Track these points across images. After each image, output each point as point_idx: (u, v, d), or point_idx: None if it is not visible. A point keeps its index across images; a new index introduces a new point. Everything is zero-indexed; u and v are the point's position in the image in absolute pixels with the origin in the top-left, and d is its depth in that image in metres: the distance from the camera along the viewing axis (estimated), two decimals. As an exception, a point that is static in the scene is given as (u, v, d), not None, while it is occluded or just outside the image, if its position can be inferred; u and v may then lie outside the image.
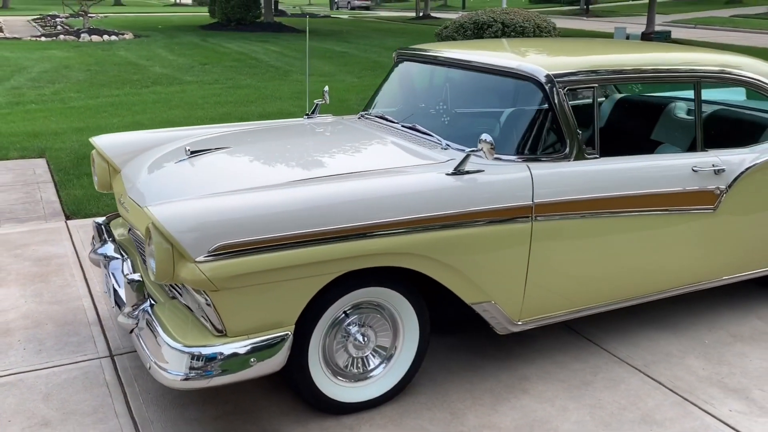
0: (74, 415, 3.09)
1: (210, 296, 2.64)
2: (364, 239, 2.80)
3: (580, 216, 3.31)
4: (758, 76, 3.93)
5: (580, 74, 3.39)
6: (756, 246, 3.95)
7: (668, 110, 4.35)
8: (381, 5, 69.09)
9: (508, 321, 3.32)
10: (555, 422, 3.12)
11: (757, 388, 3.42)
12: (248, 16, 25.61)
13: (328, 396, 3.03)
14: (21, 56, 16.84)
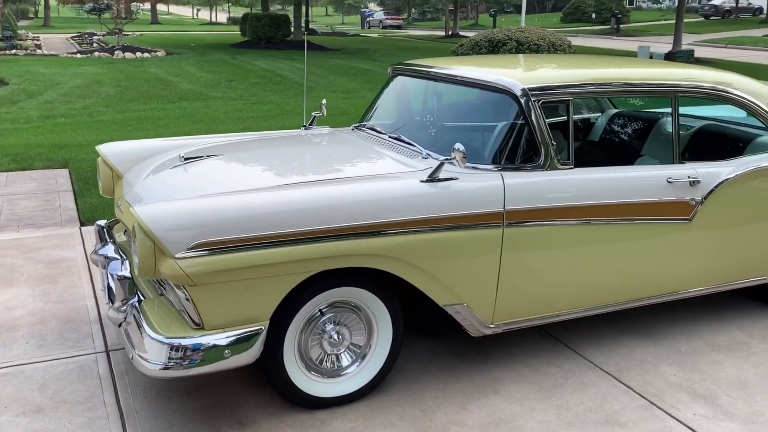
0: (66, 404, 3.29)
1: (188, 291, 2.83)
2: (337, 241, 2.97)
3: (552, 223, 3.44)
4: (743, 93, 4.04)
5: (554, 88, 3.54)
6: (733, 258, 4.03)
7: (658, 125, 4.46)
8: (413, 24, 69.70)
9: (481, 324, 3.46)
10: (520, 421, 3.24)
11: (724, 394, 3.50)
12: (278, 34, 26.13)
13: (303, 390, 3.19)
14: (56, 72, 17.43)
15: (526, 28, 11.23)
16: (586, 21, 57.64)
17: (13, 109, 12.82)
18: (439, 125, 3.93)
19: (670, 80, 3.85)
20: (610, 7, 47.75)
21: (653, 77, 3.85)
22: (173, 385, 3.44)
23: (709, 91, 3.95)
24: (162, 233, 2.75)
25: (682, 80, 3.88)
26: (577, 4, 58.86)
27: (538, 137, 3.46)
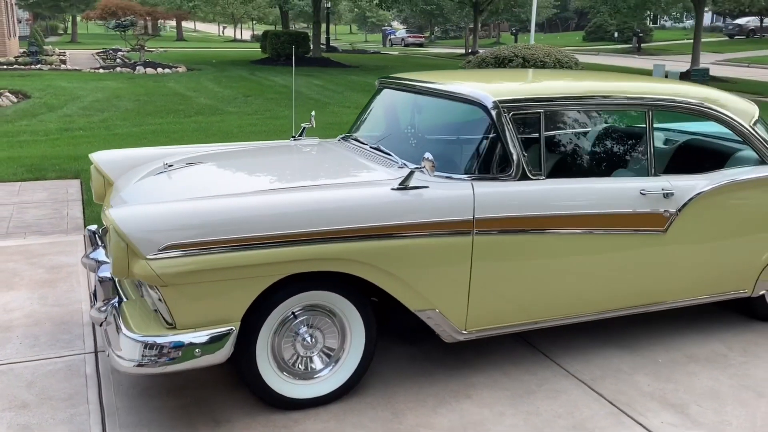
0: (50, 400, 3.42)
1: (160, 291, 2.95)
2: (305, 245, 3.08)
3: (523, 232, 3.52)
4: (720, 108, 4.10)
5: (525, 101, 3.63)
6: (710, 270, 4.07)
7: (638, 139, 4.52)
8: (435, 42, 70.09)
9: (453, 330, 3.53)
10: (488, 425, 3.30)
11: (696, 404, 3.54)
12: (297, 51, 26.44)
13: (276, 391, 3.29)
14: (77, 86, 17.81)
15: (533, 45, 11.33)
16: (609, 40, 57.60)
17: (33, 121, 13.14)
18: (419, 136, 4.04)
19: (643, 95, 3.92)
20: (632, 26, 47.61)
21: (625, 91, 3.93)
22: (155, 385, 3.56)
23: (685, 106, 4.01)
24: (134, 235, 2.87)
25: (657, 95, 3.94)
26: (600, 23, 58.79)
27: (509, 148, 3.55)
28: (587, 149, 4.12)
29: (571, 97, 3.79)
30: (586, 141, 4.29)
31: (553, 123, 3.86)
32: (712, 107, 4.06)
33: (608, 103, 3.92)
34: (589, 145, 4.16)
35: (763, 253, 4.20)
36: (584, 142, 4.26)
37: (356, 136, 4.35)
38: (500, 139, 3.56)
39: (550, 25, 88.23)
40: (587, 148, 4.10)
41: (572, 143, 3.98)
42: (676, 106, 4.00)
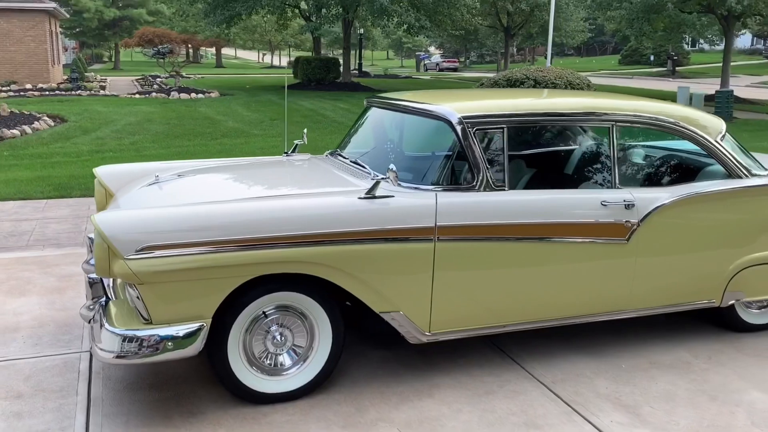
0: (43, 392, 3.72)
1: (137, 289, 3.24)
2: (271, 249, 3.34)
3: (485, 240, 3.74)
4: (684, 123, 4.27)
5: (488, 117, 3.86)
6: (675, 280, 4.21)
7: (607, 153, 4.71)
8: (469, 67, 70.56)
9: (417, 331, 3.75)
10: (444, 420, 3.50)
11: (648, 405, 3.69)
12: (328, 76, 27.05)
13: (246, 385, 3.54)
14: (112, 111, 18.52)
15: (545, 68, 11.55)
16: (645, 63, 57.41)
17: (67, 144, 13.74)
18: (395, 150, 4.29)
19: (606, 111, 4.12)
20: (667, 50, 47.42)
21: (587, 108, 4.13)
22: (140, 380, 3.84)
23: (647, 121, 4.20)
24: (114, 237, 3.17)
25: (619, 111, 4.14)
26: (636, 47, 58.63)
27: (473, 161, 3.78)
28: (551, 162, 4.33)
29: (534, 114, 4.01)
30: (550, 154, 4.50)
31: (516, 138, 4.08)
32: (675, 122, 4.23)
33: (571, 120, 4.14)
34: (553, 158, 4.37)
35: (729, 264, 4.33)
36: (548, 155, 4.47)
37: (340, 152, 4.62)
38: (464, 152, 3.79)
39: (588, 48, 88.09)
40: (551, 161, 4.30)
41: (535, 156, 4.19)
42: (638, 121, 4.20)
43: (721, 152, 4.33)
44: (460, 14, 26.09)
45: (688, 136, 4.28)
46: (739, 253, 4.34)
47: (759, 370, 4.11)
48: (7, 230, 7.10)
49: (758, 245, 4.38)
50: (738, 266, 4.35)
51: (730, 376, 4.03)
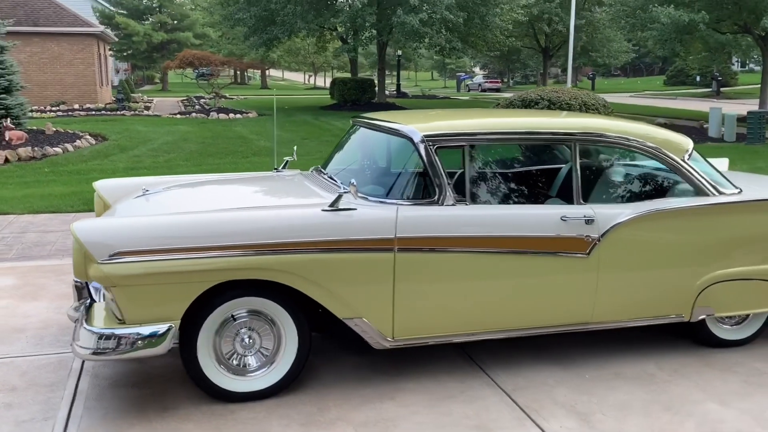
0: (35, 386, 4.03)
1: (111, 291, 3.53)
2: (235, 256, 3.60)
3: (445, 251, 3.93)
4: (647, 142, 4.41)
5: (449, 135, 4.08)
6: (639, 294, 4.32)
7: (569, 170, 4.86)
8: (512, 87, 70.54)
9: (380, 337, 3.95)
10: (399, 421, 3.69)
11: (601, 413, 3.81)
12: (363, 97, 27.51)
13: (216, 384, 3.79)
14: (151, 130, 19.21)
15: (560, 89, 11.66)
16: (691, 84, 56.66)
17: (104, 161, 14.34)
18: (369, 166, 4.52)
19: (568, 131, 4.29)
20: (712, 70, 46.75)
21: (549, 127, 4.31)
22: (124, 378, 4.13)
23: (610, 140, 4.35)
24: (89, 242, 3.47)
25: (582, 130, 4.30)
26: (681, 67, 57.88)
27: (434, 177, 4.00)
28: (512, 178, 4.50)
29: (495, 133, 4.21)
30: (512, 171, 4.68)
31: (479, 155, 4.28)
32: (639, 141, 4.38)
33: (533, 138, 4.32)
34: (515, 174, 4.54)
35: (696, 279, 4.42)
36: (509, 171, 4.65)
37: (322, 168, 4.88)
38: (426, 168, 4.01)
39: (634, 69, 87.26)
40: (512, 177, 4.48)
41: (497, 173, 4.37)
42: (601, 141, 4.36)
43: (686, 170, 4.44)
44: (493, 35, 26.33)
45: (652, 154, 4.41)
46: (707, 269, 4.43)
47: (721, 383, 4.19)
48: (33, 241, 7.55)
49: (726, 261, 4.46)
50: (706, 282, 4.44)
51: (691, 388, 4.12)
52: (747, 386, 4.16)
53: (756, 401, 3.97)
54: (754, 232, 4.56)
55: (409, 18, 22.52)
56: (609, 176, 4.65)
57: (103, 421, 3.65)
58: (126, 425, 3.61)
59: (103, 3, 49.39)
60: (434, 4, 22.57)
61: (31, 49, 27.42)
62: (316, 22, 25.71)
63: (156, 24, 49.11)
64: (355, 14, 23.62)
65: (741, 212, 4.52)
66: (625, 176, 4.74)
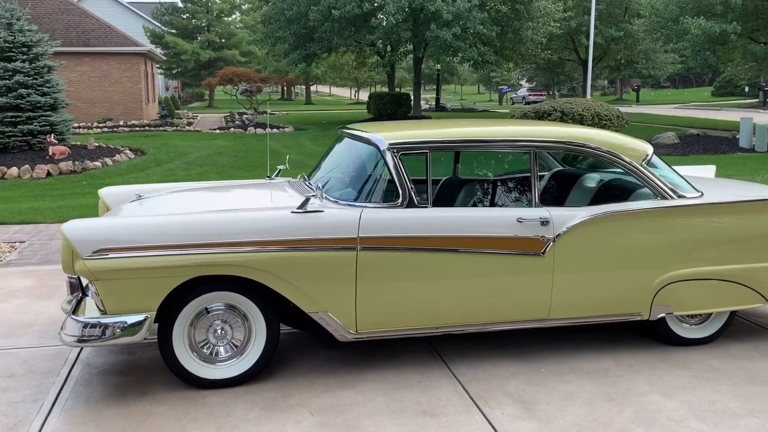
0: (32, 373, 4.46)
1: (95, 284, 3.93)
2: (206, 254, 3.96)
3: (406, 250, 4.22)
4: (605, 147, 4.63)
5: (413, 143, 4.39)
6: (595, 293, 4.52)
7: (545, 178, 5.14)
8: (557, 100, 70.16)
9: (344, 330, 4.26)
10: (354, 407, 3.98)
11: (546, 403, 4.04)
12: (399, 111, 27.92)
13: (190, 371, 4.14)
14: (189, 144, 19.94)
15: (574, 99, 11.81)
16: (739, 94, 55.57)
17: (140, 174, 14.99)
18: (342, 172, 4.84)
19: (527, 138, 4.55)
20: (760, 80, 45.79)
21: (509, 135, 4.58)
22: (113, 366, 4.52)
23: (567, 146, 4.60)
24: (75, 240, 3.88)
25: (540, 138, 4.56)
26: (730, 77, 56.84)
27: (397, 182, 4.30)
28: (473, 183, 4.77)
29: (455, 141, 4.50)
30: (473, 176, 4.95)
31: (441, 161, 4.57)
32: (596, 147, 4.60)
33: (493, 146, 4.59)
34: (476, 180, 4.80)
35: (653, 279, 4.61)
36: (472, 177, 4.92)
37: (307, 175, 5.23)
38: (390, 174, 4.33)
39: (683, 80, 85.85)
40: (473, 182, 4.74)
41: (458, 178, 4.64)
42: (558, 147, 4.60)
43: (644, 175, 4.64)
44: (525, 48, 26.49)
45: (610, 160, 4.64)
46: (664, 269, 4.61)
47: (671, 377, 4.37)
48: (57, 247, 8.07)
49: (684, 262, 4.64)
50: (663, 281, 4.62)
51: (640, 382, 4.31)
52: (695, 381, 4.33)
53: (699, 394, 4.14)
54: (712, 234, 4.73)
55: (443, 32, 22.89)
56: (568, 181, 4.88)
57: (86, 403, 4.04)
58: (105, 407, 3.99)
59: (154, 23, 51.11)
60: (467, 19, 22.87)
61: (82, 68, 28.64)
62: (353, 38, 26.27)
63: (204, 43, 50.54)
64: (390, 30, 24.09)
65: (699, 215, 4.70)
66: (584, 181, 4.96)
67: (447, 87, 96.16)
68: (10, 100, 16.00)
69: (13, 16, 16.26)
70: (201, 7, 50.57)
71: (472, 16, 22.68)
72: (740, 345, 4.90)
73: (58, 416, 3.89)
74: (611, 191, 4.85)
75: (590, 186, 5.00)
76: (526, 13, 24.85)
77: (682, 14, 21.05)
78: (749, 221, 4.81)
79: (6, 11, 16.29)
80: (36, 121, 16.31)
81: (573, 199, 4.81)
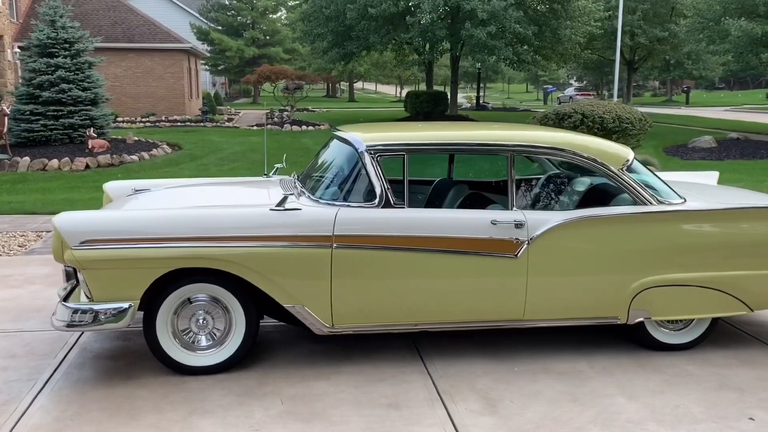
0: (32, 354, 4.74)
1: (82, 273, 4.18)
2: (186, 247, 4.17)
3: (381, 249, 4.37)
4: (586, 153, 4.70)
5: (390, 145, 4.54)
6: (570, 296, 4.59)
7: None
8: (605, 100, 69.13)
9: (320, 323, 4.43)
10: (324, 396, 4.15)
11: (510, 400, 4.14)
12: (436, 109, 28.00)
13: (173, 358, 4.37)
14: (224, 140, 20.37)
15: (596, 102, 11.75)
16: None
17: (173, 169, 15.43)
18: (328, 172, 5.01)
19: (504, 142, 4.65)
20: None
21: (487, 139, 4.69)
22: (108, 351, 4.79)
23: (543, 150, 4.68)
24: (63, 230, 4.13)
25: (518, 142, 4.66)
26: (785, 79, 55.27)
27: (374, 182, 4.46)
28: (449, 185, 4.88)
29: (435, 144, 4.63)
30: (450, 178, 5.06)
31: (419, 163, 4.70)
32: (573, 151, 4.68)
33: (470, 149, 4.71)
34: (452, 181, 4.91)
35: (630, 283, 4.66)
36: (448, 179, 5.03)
37: (298, 173, 5.42)
38: (368, 175, 4.48)
39: (739, 82, 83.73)
40: (450, 184, 4.85)
41: (435, 180, 4.77)
42: (534, 151, 4.70)
43: (622, 180, 4.70)
44: (563, 48, 26.27)
45: (587, 164, 4.70)
46: (641, 274, 4.66)
47: (642, 381, 4.43)
48: (80, 237, 8.42)
49: (661, 268, 4.68)
50: (640, 286, 4.67)
51: (610, 384, 4.38)
52: (665, 385, 4.38)
53: (665, 398, 4.19)
54: (693, 240, 4.75)
55: (477, 31, 22.89)
56: (545, 185, 4.96)
57: (74, 384, 4.30)
58: (91, 388, 4.25)
59: (201, 19, 52.09)
60: (503, 18, 22.83)
61: (127, 64, 29.46)
62: (389, 36, 26.44)
63: (249, 40, 51.30)
64: (426, 29, 24.18)
65: (678, 221, 4.73)
66: (562, 185, 5.03)
67: (495, 85, 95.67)
68: (52, 94, 16.60)
69: (56, 13, 16.86)
70: (246, 4, 51.31)
71: (507, 15, 22.62)
72: (721, 352, 4.92)
73: (47, 395, 4.16)
74: (595, 196, 4.91)
75: (577, 190, 5.07)
76: (564, 12, 24.66)
77: (726, 14, 20.64)
78: (732, 229, 4.82)
79: (50, 8, 16.90)
80: (77, 115, 16.89)
81: (557, 203, 4.89)
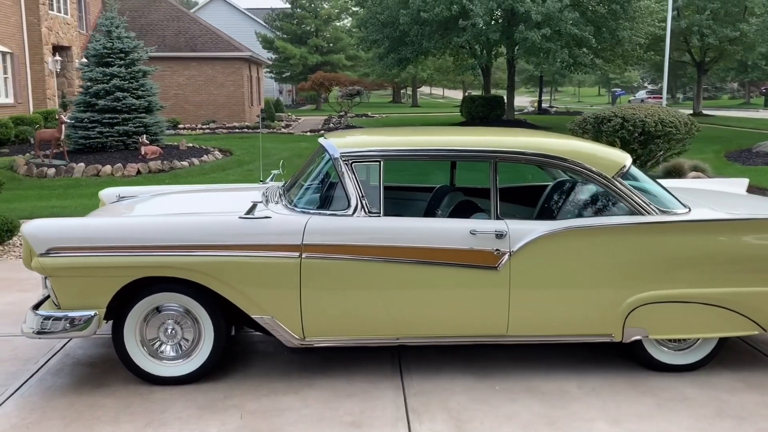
0: (16, 359, 4.78)
1: (49, 280, 4.17)
2: (151, 256, 4.10)
3: (353, 259, 4.20)
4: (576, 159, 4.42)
5: (367, 152, 4.36)
6: (557, 311, 4.30)
7: None
8: (681, 103, 66.87)
9: (290, 335, 4.29)
10: (287, 412, 4.01)
11: (480, 421, 3.91)
12: (492, 114, 27.55)
13: (141, 367, 4.31)
14: (275, 146, 20.53)
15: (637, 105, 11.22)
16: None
17: (220, 174, 15.62)
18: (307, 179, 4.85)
19: (487, 148, 4.41)
20: None
21: (469, 145, 4.46)
22: (88, 358, 4.77)
23: (530, 157, 4.42)
24: (30, 238, 4.13)
25: (503, 148, 4.40)
26: None
27: (348, 190, 4.29)
28: (428, 193, 4.66)
29: (411, 150, 4.44)
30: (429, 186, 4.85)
31: (396, 170, 4.51)
32: (562, 158, 4.40)
33: (452, 155, 4.49)
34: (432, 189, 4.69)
35: (624, 299, 4.33)
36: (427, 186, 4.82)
37: (285, 180, 5.31)
38: (342, 182, 4.32)
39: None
40: (429, 192, 4.63)
41: (413, 187, 4.56)
42: (521, 158, 4.43)
43: (616, 188, 4.38)
44: (623, 50, 25.42)
45: (576, 171, 4.41)
46: (636, 289, 4.33)
47: (631, 404, 4.11)
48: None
49: (660, 282, 4.34)
50: (636, 302, 4.34)
51: (594, 407, 4.08)
52: (656, 409, 4.05)
53: (650, 425, 3.88)
54: (697, 253, 4.39)
55: (531, 33, 22.40)
56: (532, 193, 4.69)
57: (44, 391, 4.29)
58: (60, 395, 4.23)
59: (266, 26, 53.00)
60: (558, 20, 22.26)
61: (189, 72, 30.17)
62: (443, 41, 26.19)
63: (312, 47, 51.85)
64: (479, 32, 23.83)
65: (680, 232, 4.39)
66: (554, 194, 4.75)
67: (565, 89, 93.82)
68: (108, 102, 17.07)
69: (113, 24, 17.35)
70: (309, 12, 51.89)
71: (563, 17, 22.05)
72: (728, 374, 4.55)
73: (14, 401, 4.16)
74: (590, 205, 4.60)
75: (569, 199, 4.78)
76: (623, 12, 23.86)
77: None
78: (741, 241, 4.44)
79: (106, 19, 17.41)
80: (131, 123, 17.31)
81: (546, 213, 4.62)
